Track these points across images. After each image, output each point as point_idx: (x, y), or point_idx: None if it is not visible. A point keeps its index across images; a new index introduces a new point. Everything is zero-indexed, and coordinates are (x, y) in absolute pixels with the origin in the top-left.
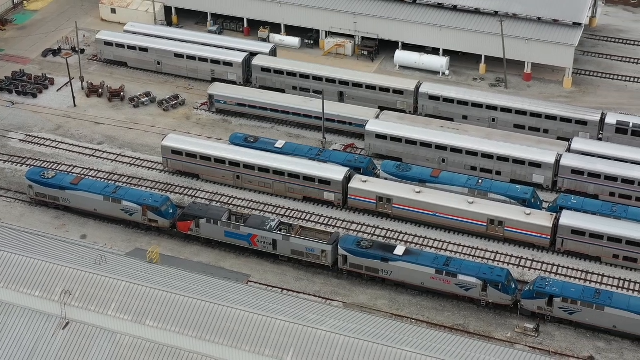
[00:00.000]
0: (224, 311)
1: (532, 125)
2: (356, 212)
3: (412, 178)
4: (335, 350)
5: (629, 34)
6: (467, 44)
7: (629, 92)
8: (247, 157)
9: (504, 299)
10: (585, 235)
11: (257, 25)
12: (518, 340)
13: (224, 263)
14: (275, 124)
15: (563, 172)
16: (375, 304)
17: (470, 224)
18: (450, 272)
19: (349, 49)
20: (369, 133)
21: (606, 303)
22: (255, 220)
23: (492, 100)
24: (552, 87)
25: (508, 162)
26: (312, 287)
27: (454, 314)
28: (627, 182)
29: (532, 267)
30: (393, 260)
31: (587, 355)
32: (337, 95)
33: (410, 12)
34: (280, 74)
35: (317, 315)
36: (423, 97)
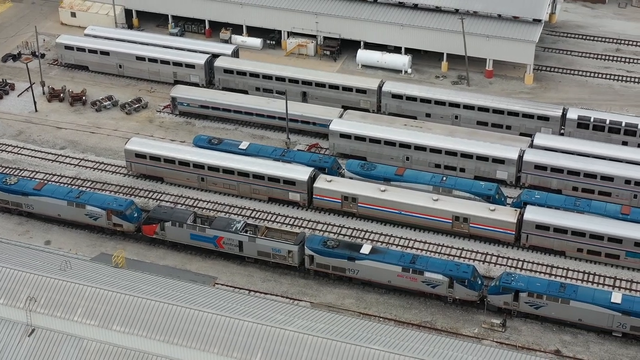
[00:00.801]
0: (191, 314)
1: (494, 121)
2: (322, 211)
3: (377, 177)
4: (303, 350)
5: (589, 30)
6: (428, 42)
7: (590, 87)
8: (211, 159)
9: (470, 295)
10: (549, 230)
11: (218, 26)
12: (485, 336)
13: (190, 266)
14: (238, 126)
15: (526, 168)
16: (343, 303)
17: (436, 221)
18: (416, 270)
19: (311, 49)
20: (333, 132)
21: (571, 297)
22: (221, 222)
23: (454, 97)
24: (513, 83)
25: (472, 159)
26: (279, 287)
27: (421, 311)
28: (589, 176)
29: (498, 262)
30: (359, 259)
31: (554, 349)
32: (300, 95)
33: (372, 11)
34: (242, 75)
35: (285, 315)
36: (386, 96)
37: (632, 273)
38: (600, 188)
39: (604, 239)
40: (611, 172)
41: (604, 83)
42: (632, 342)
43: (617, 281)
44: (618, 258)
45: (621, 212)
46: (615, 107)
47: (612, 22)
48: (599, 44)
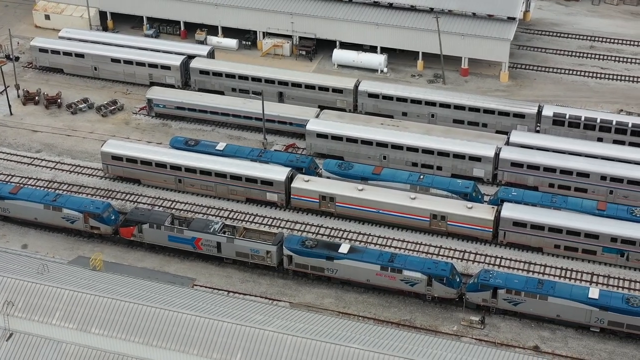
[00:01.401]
0: (170, 315)
1: (470, 119)
2: (300, 211)
3: (354, 176)
4: (283, 350)
5: (563, 27)
6: (404, 41)
7: (565, 84)
8: (188, 161)
9: (449, 292)
10: (526, 227)
11: (194, 27)
12: (464, 333)
13: (168, 268)
14: (215, 127)
15: (503, 165)
16: (322, 303)
17: (413, 219)
18: (395, 268)
19: (286, 49)
20: (310, 132)
21: (549, 293)
22: (199, 223)
23: (430, 96)
24: (489, 81)
25: (448, 157)
26: (258, 288)
27: (401, 309)
28: (565, 172)
29: (476, 260)
30: (338, 259)
31: (533, 345)
32: (276, 95)
33: (347, 10)
34: (219, 76)
35: (264, 316)
36: (362, 95)
37: (609, 268)
38: (577, 184)
39: (580, 235)
40: (587, 169)
41: (579, 80)
42: (609, 337)
43: (594, 277)
44: (595, 254)
45: (597, 208)
46: (590, 104)
47: (586, 20)
48: (573, 41)
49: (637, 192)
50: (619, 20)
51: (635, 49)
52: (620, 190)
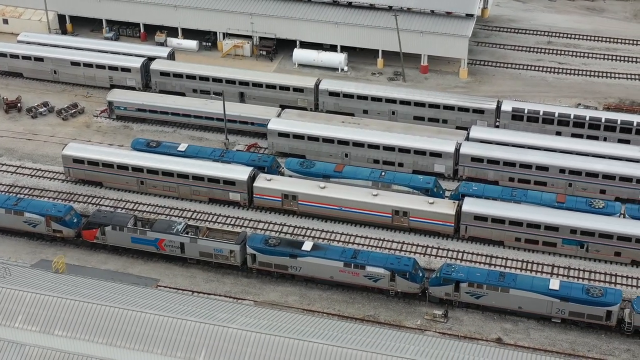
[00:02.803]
0: (133, 315)
1: (431, 116)
2: (262, 210)
3: (316, 174)
4: (246, 347)
5: (520, 23)
6: (363, 39)
7: (523, 80)
8: (150, 162)
9: (412, 287)
10: (487, 221)
11: (153, 29)
12: (428, 327)
13: (132, 269)
14: (177, 128)
15: (463, 161)
16: (286, 301)
17: (376, 216)
18: (358, 264)
19: (247, 49)
20: (271, 132)
21: (511, 285)
22: (162, 224)
23: (390, 93)
24: (449, 78)
25: (409, 153)
26: (222, 287)
27: (364, 305)
28: (524, 166)
29: (438, 254)
30: (301, 256)
31: (495, 337)
32: (237, 96)
33: (306, 10)
34: (179, 77)
35: (228, 314)
36: (323, 94)
37: (569, 260)
38: (536, 178)
39: (540, 228)
40: (546, 162)
41: (537, 75)
42: (571, 328)
43: (555, 268)
44: (555, 246)
45: (557, 201)
46: (548, 99)
47: (543, 16)
48: (531, 37)
49: (596, 184)
50: (576, 16)
51: (591, 44)
52: (579, 183)
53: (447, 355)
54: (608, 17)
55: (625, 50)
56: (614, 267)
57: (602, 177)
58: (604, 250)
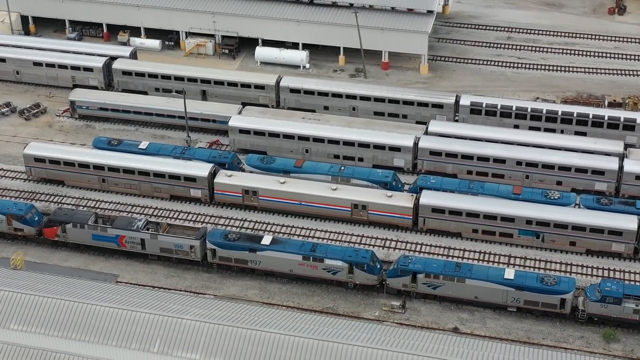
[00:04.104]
0: (88, 309)
1: (390, 111)
2: (224, 206)
3: (276, 169)
4: (201, 337)
5: (481, 19)
6: (324, 36)
7: (483, 75)
8: (111, 160)
9: (370, 279)
10: (444, 213)
11: (116, 29)
12: (386, 318)
13: (93, 266)
14: (139, 126)
15: (422, 154)
16: (246, 294)
17: (335, 210)
18: (316, 258)
19: (209, 48)
20: (232, 129)
21: (466, 275)
22: (122, 221)
23: (351, 89)
24: (409, 74)
25: (369, 148)
26: (183, 282)
27: (324, 297)
28: (482, 159)
29: (397, 247)
30: (261, 250)
31: (452, 327)
32: (199, 94)
33: (268, 8)
34: (141, 77)
35: (182, 305)
36: (284, 91)
37: (525, 250)
38: (494, 170)
39: (497, 219)
40: (503, 155)
41: (497, 70)
42: (526, 316)
43: (511, 259)
44: (511, 236)
45: (513, 192)
46: (507, 93)
47: (504, 12)
48: (491, 32)
49: (552, 176)
50: (535, 12)
51: (550, 39)
52: (535, 175)
53: (403, 342)
54: (567, 13)
55: (583, 44)
56: (570, 256)
57: (558, 168)
58: (559, 240)
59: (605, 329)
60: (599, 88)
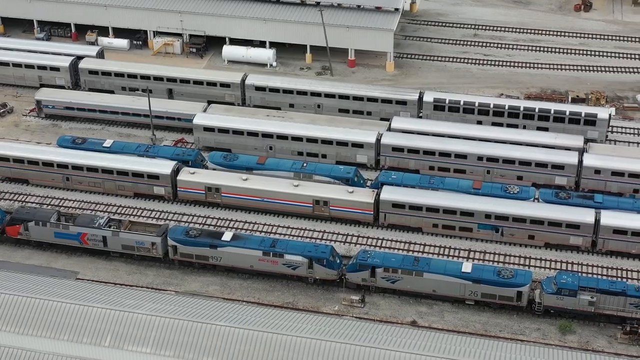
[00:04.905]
0: (41, 304)
1: (355, 108)
2: (187, 203)
3: (239, 166)
4: (152, 331)
5: (448, 17)
6: (291, 35)
7: (449, 72)
8: (74, 159)
9: (329, 274)
10: (405, 208)
11: (85, 29)
12: (345, 312)
13: (56, 264)
14: (105, 125)
15: (384, 151)
16: (207, 290)
17: (297, 206)
18: (276, 253)
19: (177, 47)
20: (197, 126)
21: (424, 269)
22: (84, 218)
23: (315, 87)
24: (375, 71)
25: (332, 144)
26: (144, 279)
27: (284, 293)
28: (444, 155)
29: (358, 242)
30: (221, 246)
31: (410, 320)
32: (166, 92)
33: (235, 7)
34: (108, 76)
35: (135, 300)
36: (250, 89)
37: (484, 244)
38: (455, 166)
39: (456, 214)
40: (464, 150)
41: (462, 67)
42: (484, 309)
43: (471, 253)
44: (471, 231)
45: (473, 187)
46: (472, 90)
47: (471, 9)
48: (458, 30)
49: (513, 171)
50: (502, 9)
51: (516, 36)
52: (496, 170)
53: (361, 336)
54: (534, 10)
55: (549, 41)
56: (528, 250)
57: (519, 163)
58: (518, 234)
59: (561, 321)
60: (564, 84)
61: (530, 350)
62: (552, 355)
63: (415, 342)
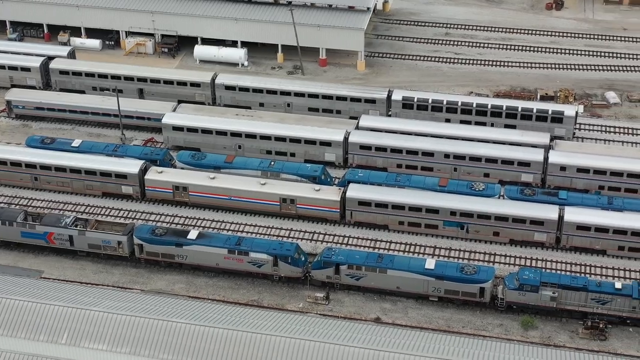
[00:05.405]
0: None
1: (325, 107)
2: (155, 203)
3: (207, 165)
4: (109, 328)
5: (420, 16)
6: (262, 34)
7: (420, 70)
8: (42, 158)
9: (294, 271)
10: (371, 206)
11: (58, 30)
12: (309, 310)
13: (22, 263)
14: (76, 125)
15: (352, 149)
16: (173, 289)
17: (264, 204)
18: (242, 251)
19: (149, 47)
20: (166, 126)
21: (388, 266)
22: (51, 218)
23: (285, 86)
24: (347, 70)
25: (300, 143)
26: (110, 278)
27: (249, 290)
28: (411, 152)
29: (325, 240)
30: (187, 245)
31: (374, 317)
32: (137, 92)
33: (207, 7)
34: (78, 76)
35: (93, 298)
36: (220, 88)
37: (450, 241)
38: (422, 164)
39: (422, 211)
40: (431, 148)
41: (433, 66)
42: (447, 306)
43: (436, 250)
44: (437, 228)
45: (439, 185)
46: (443, 88)
47: (443, 8)
48: (430, 29)
49: (480, 168)
50: (475, 8)
51: (488, 34)
52: (463, 167)
53: (323, 333)
54: (506, 8)
55: (520, 39)
56: (493, 246)
57: (485, 160)
58: (483, 231)
59: (523, 316)
60: (533, 82)
61: (493, 346)
62: (514, 351)
63: (378, 338)
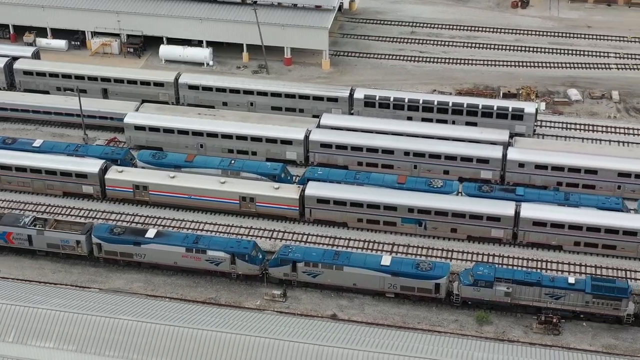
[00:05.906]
0: None
1: (288, 106)
2: (116, 202)
3: (168, 164)
4: (55, 326)
5: (386, 15)
6: (227, 34)
7: (384, 69)
8: (3, 158)
9: (252, 269)
10: (330, 203)
11: (24, 30)
12: (267, 307)
13: None
14: (39, 125)
15: (313, 147)
16: (131, 287)
17: (224, 202)
18: (199, 249)
19: (115, 47)
20: (128, 126)
21: (345, 263)
22: (9, 218)
23: (248, 85)
24: (311, 69)
25: (262, 142)
26: (69, 277)
27: (207, 288)
28: (371, 150)
29: (284, 238)
30: (145, 244)
31: (330, 314)
32: (101, 92)
33: (172, 7)
34: (42, 76)
35: (43, 296)
36: (183, 88)
37: (408, 238)
38: (383, 161)
39: (380, 208)
40: (391, 146)
41: (398, 64)
42: (403, 302)
43: (395, 247)
44: (395, 225)
45: (398, 182)
46: (406, 86)
47: (410, 7)
48: (395, 27)
49: (439, 165)
50: (441, 7)
51: (453, 33)
52: (423, 164)
53: (279, 330)
54: (472, 7)
55: (484, 37)
56: (451, 243)
57: (445, 158)
58: (441, 228)
59: (478, 312)
60: (497, 80)
61: (447, 342)
62: (468, 346)
63: (335, 335)
